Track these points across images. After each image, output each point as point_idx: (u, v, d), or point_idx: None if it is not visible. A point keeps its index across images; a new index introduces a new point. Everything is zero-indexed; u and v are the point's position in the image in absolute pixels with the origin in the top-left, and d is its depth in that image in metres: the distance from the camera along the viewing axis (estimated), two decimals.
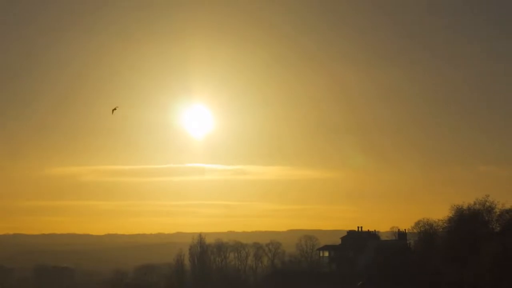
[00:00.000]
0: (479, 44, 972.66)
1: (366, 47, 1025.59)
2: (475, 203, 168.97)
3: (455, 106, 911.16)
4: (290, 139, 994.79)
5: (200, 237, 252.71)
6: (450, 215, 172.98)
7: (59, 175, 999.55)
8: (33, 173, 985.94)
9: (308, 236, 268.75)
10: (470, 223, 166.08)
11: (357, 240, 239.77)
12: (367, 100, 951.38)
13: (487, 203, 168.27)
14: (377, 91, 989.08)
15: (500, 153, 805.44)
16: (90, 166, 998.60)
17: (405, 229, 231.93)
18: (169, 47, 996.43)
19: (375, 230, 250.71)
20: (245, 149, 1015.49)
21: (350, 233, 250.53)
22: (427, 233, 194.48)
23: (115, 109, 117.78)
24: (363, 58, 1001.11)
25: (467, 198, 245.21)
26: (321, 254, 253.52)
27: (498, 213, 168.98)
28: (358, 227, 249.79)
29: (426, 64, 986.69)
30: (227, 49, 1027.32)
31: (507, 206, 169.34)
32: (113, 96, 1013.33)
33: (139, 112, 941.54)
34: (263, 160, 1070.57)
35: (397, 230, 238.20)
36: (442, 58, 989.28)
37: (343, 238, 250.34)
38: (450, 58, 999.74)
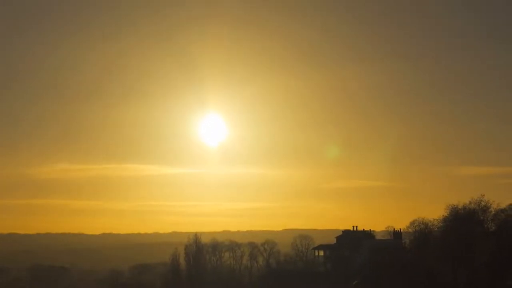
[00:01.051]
0: (479, 44, 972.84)
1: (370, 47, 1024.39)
2: (470, 203, 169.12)
3: (451, 105, 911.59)
4: (290, 141, 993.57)
5: (196, 236, 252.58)
6: (445, 214, 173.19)
7: (55, 173, 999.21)
8: (29, 171, 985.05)
9: (303, 236, 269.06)
10: (465, 223, 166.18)
11: (352, 240, 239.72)
12: (369, 100, 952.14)
13: (482, 203, 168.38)
14: (377, 90, 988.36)
15: (497, 152, 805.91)
16: (88, 165, 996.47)
17: (400, 229, 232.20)
18: (186, 60, 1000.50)
19: (370, 230, 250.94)
20: (247, 152, 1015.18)
21: (345, 232, 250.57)
22: (422, 233, 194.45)
23: None
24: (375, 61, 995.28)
25: (463, 197, 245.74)
26: (316, 254, 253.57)
27: (493, 212, 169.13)
28: (353, 227, 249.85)
29: (425, 63, 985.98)
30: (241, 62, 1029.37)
31: (502, 206, 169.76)
32: (130, 104, 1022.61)
33: (157, 121, 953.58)
34: (261, 162, 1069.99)
35: (392, 229, 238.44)
36: (443, 57, 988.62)
37: (338, 238, 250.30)
38: (451, 58, 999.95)
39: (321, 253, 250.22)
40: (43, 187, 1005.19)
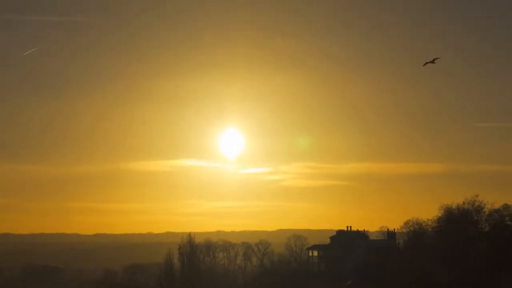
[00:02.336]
0: (479, 44, 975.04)
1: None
2: (464, 203, 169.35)
3: (448, 104, 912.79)
4: (289, 142, 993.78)
5: (190, 236, 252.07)
6: (439, 214, 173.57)
7: (51, 173, 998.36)
8: (25, 170, 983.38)
9: (297, 236, 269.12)
10: (459, 223, 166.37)
11: (346, 240, 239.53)
12: (369, 102, 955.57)
13: (476, 203, 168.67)
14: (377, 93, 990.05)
15: (492, 151, 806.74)
16: (85, 166, 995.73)
17: (394, 229, 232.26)
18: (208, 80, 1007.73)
19: (364, 230, 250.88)
20: (245, 153, 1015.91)
21: (339, 232, 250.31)
22: (416, 233, 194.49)
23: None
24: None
25: (457, 197, 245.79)
26: (310, 254, 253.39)
27: (487, 212, 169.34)
28: (347, 227, 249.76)
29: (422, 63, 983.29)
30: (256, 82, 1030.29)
31: (496, 206, 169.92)
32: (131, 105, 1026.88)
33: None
34: (257, 162, 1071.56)
35: (386, 229, 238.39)
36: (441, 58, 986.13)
37: (332, 238, 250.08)
38: (448, 58, 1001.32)
39: (315, 253, 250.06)
40: (39, 186, 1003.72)
